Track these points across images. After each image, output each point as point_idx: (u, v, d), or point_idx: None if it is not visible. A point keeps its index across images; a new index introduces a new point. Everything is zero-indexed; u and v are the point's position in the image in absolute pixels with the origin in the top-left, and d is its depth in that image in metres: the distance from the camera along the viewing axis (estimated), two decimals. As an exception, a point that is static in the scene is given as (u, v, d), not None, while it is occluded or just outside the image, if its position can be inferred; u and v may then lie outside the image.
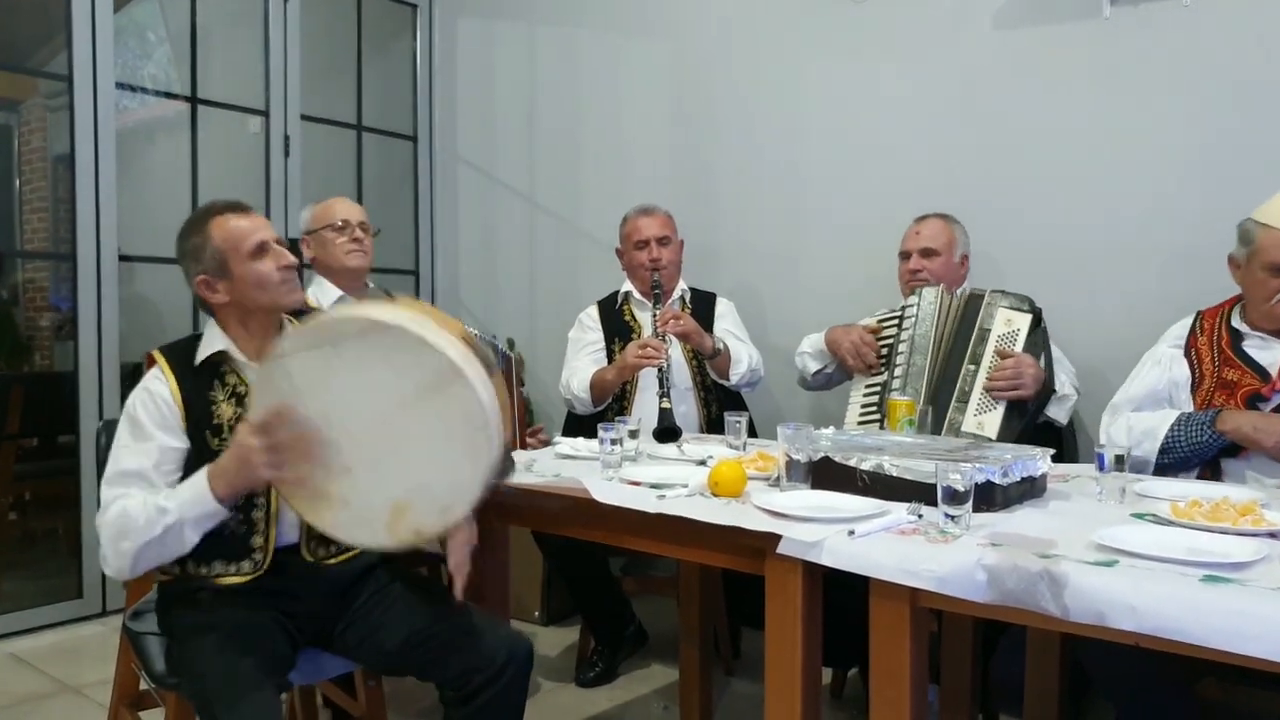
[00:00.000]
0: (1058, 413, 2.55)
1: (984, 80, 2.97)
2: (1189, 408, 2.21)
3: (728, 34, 3.48)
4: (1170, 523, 1.62)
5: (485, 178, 4.19)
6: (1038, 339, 2.46)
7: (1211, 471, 2.14)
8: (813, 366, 2.83)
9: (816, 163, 3.32)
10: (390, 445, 1.60)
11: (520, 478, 2.00)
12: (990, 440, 2.39)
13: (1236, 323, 2.21)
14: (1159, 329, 2.40)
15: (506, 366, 3.04)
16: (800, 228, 3.36)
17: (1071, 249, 2.84)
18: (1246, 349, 2.17)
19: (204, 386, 1.79)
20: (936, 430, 2.46)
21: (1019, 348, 2.44)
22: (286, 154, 3.86)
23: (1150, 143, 2.72)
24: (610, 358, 3.02)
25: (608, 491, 1.82)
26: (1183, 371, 2.24)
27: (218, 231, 1.79)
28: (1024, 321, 2.46)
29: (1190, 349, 2.25)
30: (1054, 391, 2.50)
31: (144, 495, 1.67)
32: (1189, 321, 2.31)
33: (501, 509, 2.04)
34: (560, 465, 2.13)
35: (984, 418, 2.43)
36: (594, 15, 3.82)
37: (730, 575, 2.63)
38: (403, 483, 1.61)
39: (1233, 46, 2.59)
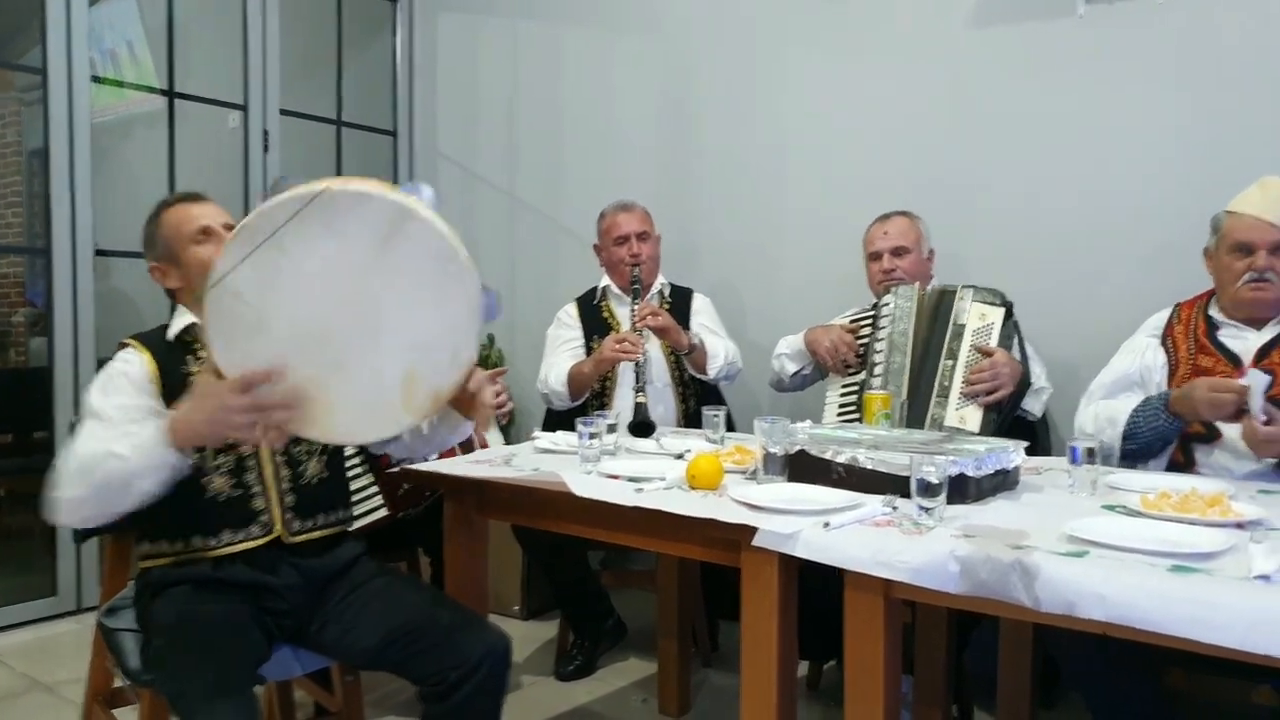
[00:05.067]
0: (1033, 405, 2.57)
1: (962, 78, 3.00)
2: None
3: (710, 31, 3.49)
4: (1140, 514, 1.64)
5: (466, 173, 4.18)
6: (1010, 331, 2.50)
7: (1185, 459, 2.17)
8: (791, 368, 2.84)
9: (797, 160, 3.33)
10: (371, 318, 1.49)
11: (499, 472, 2.00)
12: (971, 433, 2.41)
13: (1213, 312, 2.25)
14: (1134, 324, 2.42)
15: None
16: (780, 225, 3.38)
17: (1048, 245, 2.87)
18: (1221, 338, 2.20)
19: (178, 361, 1.80)
20: (916, 424, 2.48)
21: (994, 341, 2.47)
22: (266, 149, 3.84)
23: (1124, 139, 2.76)
24: (589, 354, 3.02)
25: (586, 485, 1.83)
26: (1158, 358, 2.27)
27: (167, 219, 1.85)
28: (997, 315, 2.49)
29: (1167, 337, 2.29)
30: (1030, 384, 2.52)
31: (102, 435, 1.61)
32: (1166, 313, 2.35)
33: (480, 503, 2.05)
34: (539, 459, 2.13)
35: (965, 411, 2.45)
36: (577, 11, 3.82)
37: (708, 568, 2.64)
38: (400, 351, 1.50)
39: (1204, 44, 2.62)
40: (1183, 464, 2.16)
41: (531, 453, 2.23)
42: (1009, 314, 2.50)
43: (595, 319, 3.09)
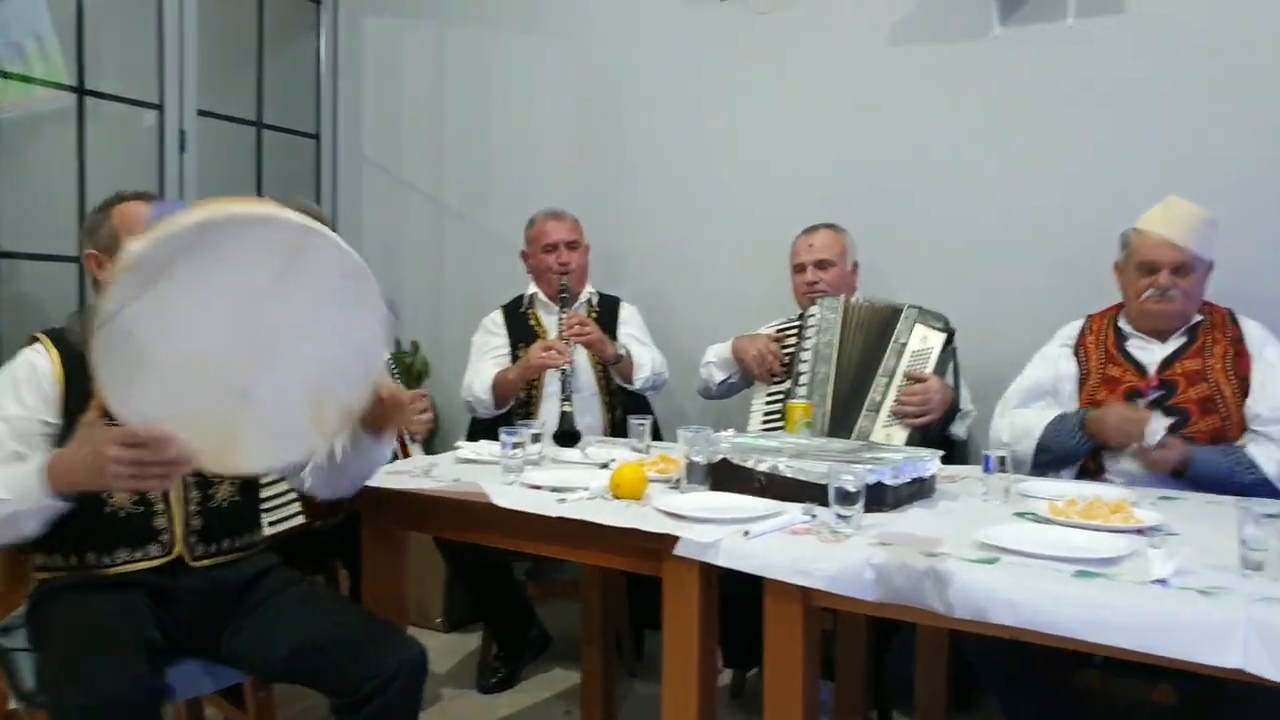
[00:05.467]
0: (958, 428, 2.63)
1: (881, 93, 3.06)
2: (1074, 403, 2.33)
3: (636, 39, 3.51)
4: (1049, 521, 1.69)
5: (390, 178, 4.12)
6: (948, 357, 2.53)
7: (1095, 466, 2.25)
8: (719, 376, 2.86)
9: (721, 170, 3.36)
10: (273, 342, 1.44)
11: (418, 483, 1.97)
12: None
13: (1122, 323, 2.35)
14: (1047, 334, 2.49)
15: None
16: (707, 234, 3.40)
17: (966, 258, 2.94)
18: (1129, 348, 2.30)
19: (88, 370, 1.72)
20: (843, 434, 2.51)
21: (930, 365, 2.50)
22: (182, 150, 3.73)
23: (1036, 156, 2.84)
24: (514, 362, 3.00)
25: (508, 496, 1.82)
26: (1070, 368, 2.36)
27: (118, 213, 1.81)
28: (937, 340, 2.52)
29: (1080, 348, 2.38)
30: (959, 409, 2.58)
31: None
32: (1079, 324, 2.43)
33: (399, 514, 2.01)
34: (461, 470, 2.11)
35: (892, 430, 2.49)
36: (504, 16, 3.80)
37: (634, 577, 2.64)
38: (307, 372, 1.46)
39: (1115, 65, 2.72)
40: (1093, 470, 2.24)
41: (453, 463, 2.20)
42: (949, 340, 2.53)
43: (522, 327, 3.07)
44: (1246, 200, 2.55)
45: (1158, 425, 2.09)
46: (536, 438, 2.17)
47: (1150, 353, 2.27)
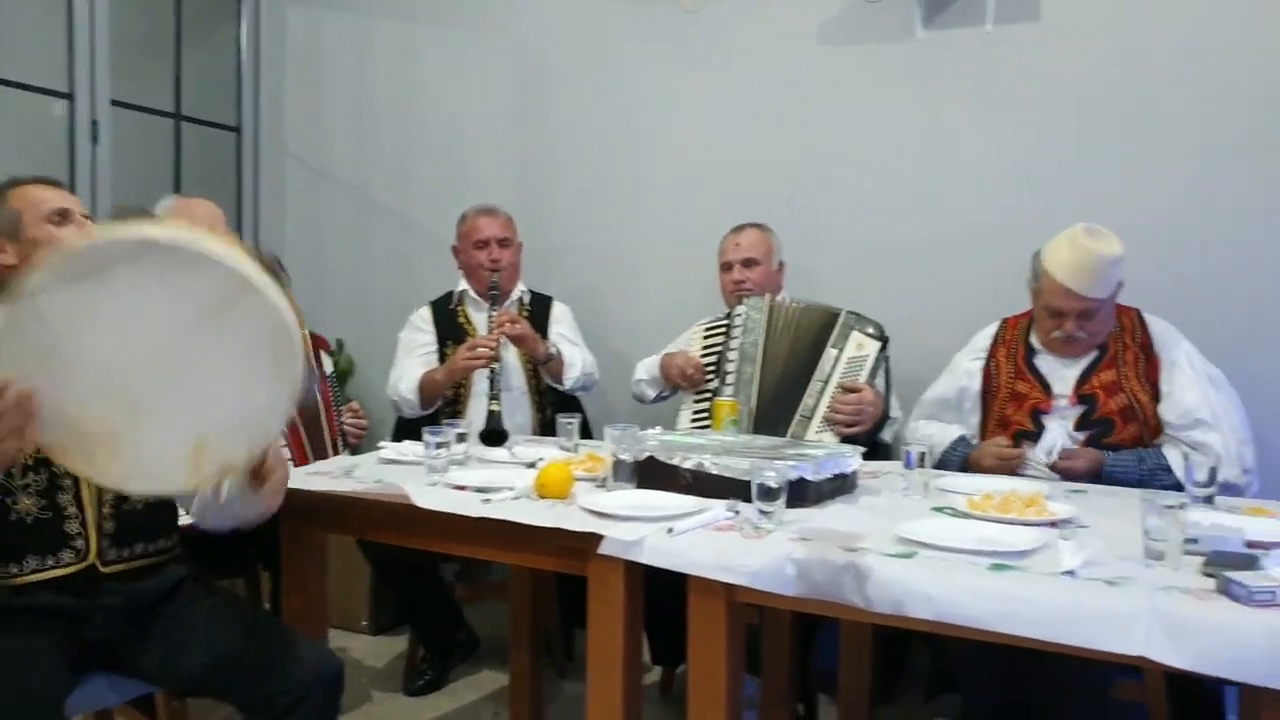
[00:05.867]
0: (886, 434, 2.67)
1: (808, 93, 3.10)
2: (975, 415, 2.41)
3: (565, 37, 3.49)
4: (966, 515, 1.73)
5: (314, 173, 4.03)
6: (880, 365, 2.55)
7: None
8: (650, 393, 2.88)
9: (652, 168, 3.36)
10: (180, 376, 1.43)
11: (339, 484, 1.93)
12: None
13: (1033, 339, 2.37)
14: (968, 336, 2.55)
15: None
16: (637, 231, 3.40)
17: (890, 259, 2.99)
18: (1038, 364, 2.34)
19: None
20: (764, 431, 2.53)
21: (865, 373, 2.52)
22: (95, 141, 3.59)
23: (958, 158, 2.90)
24: (442, 360, 2.96)
25: (430, 497, 1.79)
26: (976, 384, 2.41)
27: (17, 195, 1.77)
28: (873, 348, 2.54)
29: (991, 358, 2.42)
30: (889, 417, 2.62)
31: None
32: (993, 330, 2.47)
33: (318, 516, 1.97)
34: (384, 470, 2.07)
35: (825, 435, 2.51)
36: (430, 11, 3.75)
37: (564, 577, 2.62)
38: (200, 415, 1.45)
39: (1031, 70, 2.79)
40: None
41: (375, 464, 2.16)
42: (883, 348, 2.56)
43: (450, 324, 3.03)
44: (1154, 200, 2.65)
45: (1053, 440, 2.14)
46: (461, 437, 2.15)
47: (1061, 371, 2.30)
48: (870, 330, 2.56)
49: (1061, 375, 2.30)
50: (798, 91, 3.11)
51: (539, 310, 3.07)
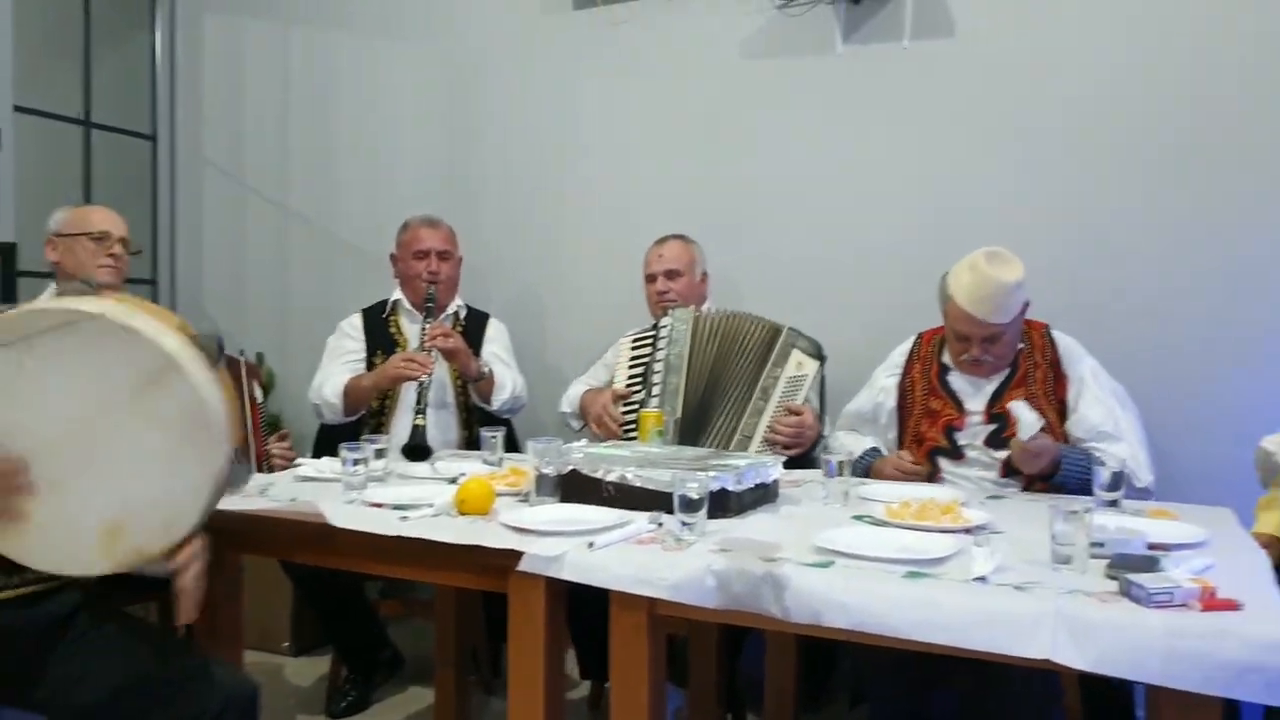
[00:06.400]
0: (816, 451, 2.70)
1: (733, 106, 3.13)
2: (893, 431, 2.44)
3: (491, 47, 3.47)
4: (884, 523, 1.75)
5: (234, 182, 3.94)
6: (818, 384, 2.59)
7: (931, 468, 2.34)
8: (576, 425, 2.88)
9: (579, 180, 3.36)
10: (97, 455, 1.41)
11: (252, 503, 1.88)
12: None
13: (945, 356, 2.40)
14: (889, 347, 2.59)
15: (236, 372, 2.86)
16: (565, 243, 3.39)
17: (812, 272, 3.02)
18: (950, 381, 2.37)
19: None
20: (689, 441, 2.54)
21: (804, 392, 2.55)
22: (-3, 149, 3.46)
23: (878, 171, 2.95)
24: (370, 369, 2.90)
25: (345, 515, 1.75)
26: (891, 400, 2.45)
27: None
28: (813, 368, 2.57)
29: (907, 375, 2.45)
30: (823, 436, 2.64)
31: None
32: (908, 347, 2.50)
33: (232, 536, 1.91)
34: (299, 489, 2.02)
35: (763, 456, 2.52)
36: (352, 19, 3.69)
37: (491, 594, 2.59)
38: (115, 497, 1.42)
39: (946, 85, 2.86)
40: (931, 472, 2.34)
41: (292, 482, 2.11)
42: (821, 366, 2.59)
43: (381, 333, 2.98)
44: (1067, 213, 2.73)
45: (1029, 418, 2.07)
46: (380, 453, 2.11)
47: (977, 388, 2.33)
48: (810, 349, 2.59)
49: (973, 393, 2.33)
50: (721, 104, 3.14)
51: (474, 326, 3.03)
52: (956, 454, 2.31)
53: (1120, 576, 1.36)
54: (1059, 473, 2.16)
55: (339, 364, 2.93)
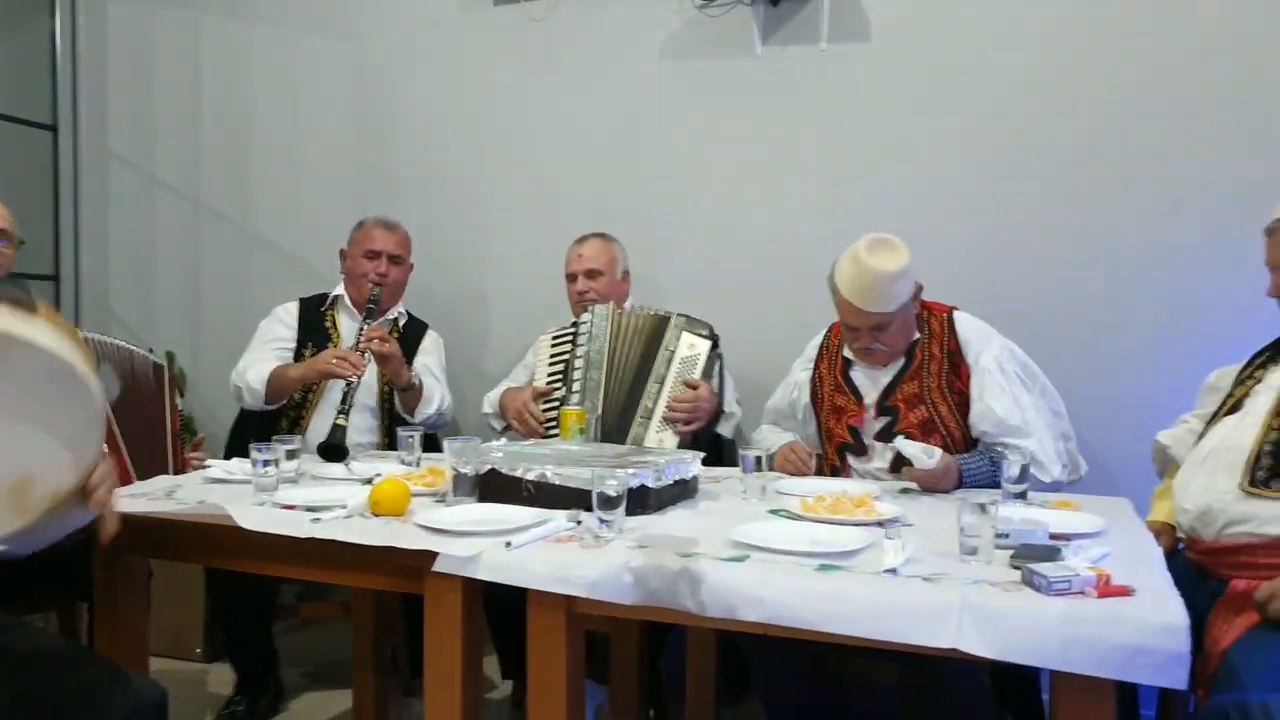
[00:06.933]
0: (725, 429, 2.74)
1: (653, 105, 3.13)
2: (811, 425, 2.47)
3: (407, 40, 3.41)
4: (800, 517, 1.78)
5: (143, 176, 3.80)
6: (713, 363, 2.63)
7: (840, 462, 2.39)
8: (498, 426, 2.85)
9: (499, 176, 3.32)
10: None
11: (158, 506, 1.82)
12: None
13: (847, 352, 2.41)
14: (805, 343, 2.64)
15: (160, 379, 2.78)
16: (485, 240, 3.36)
17: (731, 270, 3.05)
18: (854, 376, 2.39)
19: None
20: (618, 439, 2.55)
21: (699, 371, 2.59)
22: (-120, 137, 3.29)
23: (796, 171, 2.99)
24: (297, 360, 2.84)
25: (255, 517, 1.71)
26: (805, 395, 2.48)
27: None
28: (704, 347, 2.62)
29: (817, 369, 2.47)
30: (723, 411, 2.68)
31: None
32: (819, 340, 2.54)
33: (138, 540, 1.84)
34: (208, 490, 1.96)
35: (664, 435, 2.57)
36: (265, 9, 3.59)
37: (410, 595, 2.54)
38: (12, 465, 1.44)
39: (862, 88, 2.91)
40: (838, 467, 2.39)
41: (200, 483, 2.05)
42: (715, 346, 2.64)
43: (316, 326, 2.92)
44: (980, 213, 2.80)
45: (915, 450, 2.05)
46: (293, 454, 2.06)
47: (874, 380, 2.34)
48: (701, 331, 2.65)
49: (870, 387, 2.34)
50: (642, 103, 3.14)
51: (411, 335, 2.98)
52: (861, 450, 2.34)
53: (1023, 566, 1.40)
54: (962, 483, 2.13)
55: (267, 349, 2.86)
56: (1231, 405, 1.91)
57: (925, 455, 2.05)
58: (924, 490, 2.12)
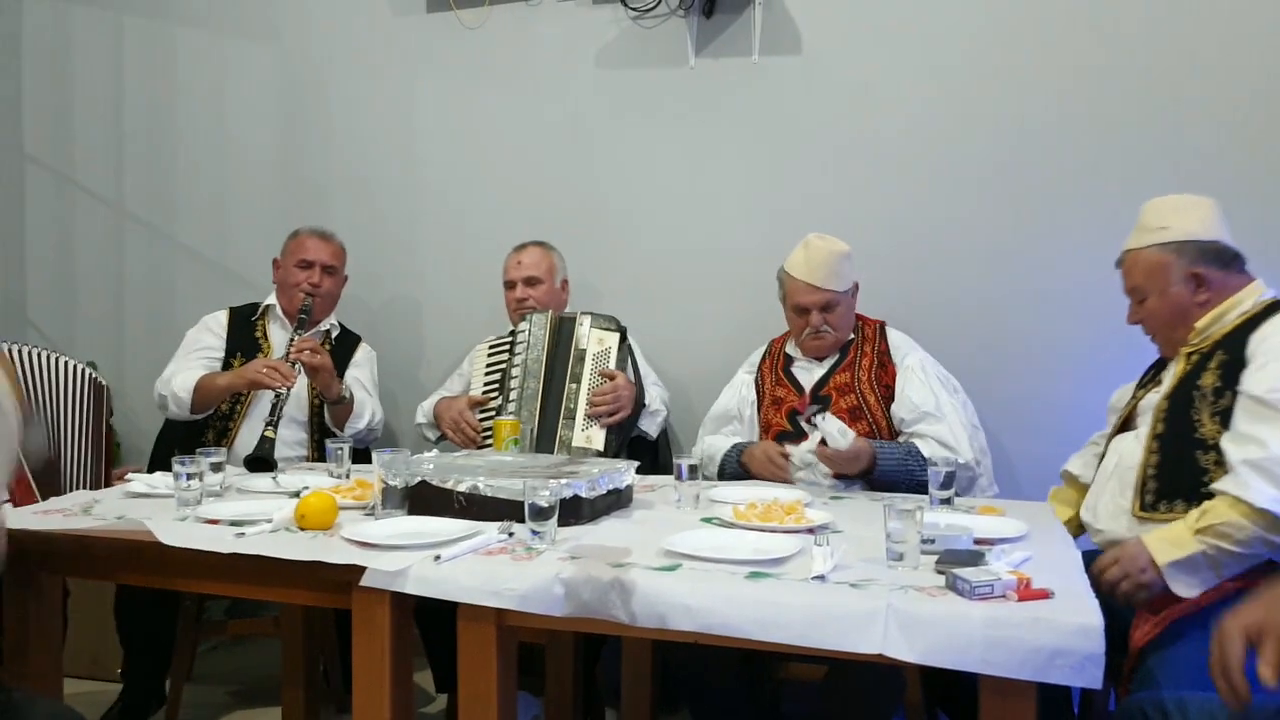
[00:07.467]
0: (649, 426, 2.74)
1: (588, 115, 3.13)
2: (755, 424, 2.53)
3: (339, 47, 3.36)
4: (732, 525, 1.79)
5: (60, 179, 3.68)
6: (625, 354, 2.69)
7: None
8: (431, 437, 2.84)
9: (434, 186, 3.29)
10: None
11: (74, 522, 1.76)
12: (598, 453, 2.52)
13: (790, 349, 2.58)
14: (744, 353, 2.69)
15: (100, 399, 2.69)
16: (420, 250, 3.31)
17: (666, 279, 3.05)
18: (794, 370, 2.53)
19: None
20: (548, 447, 2.54)
21: (612, 364, 2.63)
22: None
23: (728, 182, 3.01)
24: (224, 370, 2.77)
25: (176, 533, 1.66)
26: (750, 394, 2.58)
27: None
28: (613, 340, 2.67)
29: (759, 373, 2.60)
30: (644, 405, 2.68)
31: None
32: (762, 349, 2.65)
33: (51, 558, 1.79)
34: (128, 506, 1.91)
35: (590, 432, 2.57)
36: (192, 11, 3.50)
37: (341, 610, 2.49)
38: None
39: (792, 100, 2.94)
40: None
41: (120, 498, 1.99)
42: (624, 338, 2.69)
43: (246, 336, 2.85)
44: (905, 222, 2.85)
45: (834, 427, 2.17)
46: (217, 467, 2.01)
47: (811, 374, 2.50)
48: (607, 325, 2.68)
49: (809, 379, 2.50)
50: (577, 112, 3.14)
51: (343, 347, 2.93)
52: (799, 436, 2.38)
53: (947, 571, 1.42)
54: (876, 467, 2.24)
55: (194, 358, 2.80)
56: (1121, 424, 2.03)
57: (840, 435, 2.16)
58: (834, 474, 2.27)
